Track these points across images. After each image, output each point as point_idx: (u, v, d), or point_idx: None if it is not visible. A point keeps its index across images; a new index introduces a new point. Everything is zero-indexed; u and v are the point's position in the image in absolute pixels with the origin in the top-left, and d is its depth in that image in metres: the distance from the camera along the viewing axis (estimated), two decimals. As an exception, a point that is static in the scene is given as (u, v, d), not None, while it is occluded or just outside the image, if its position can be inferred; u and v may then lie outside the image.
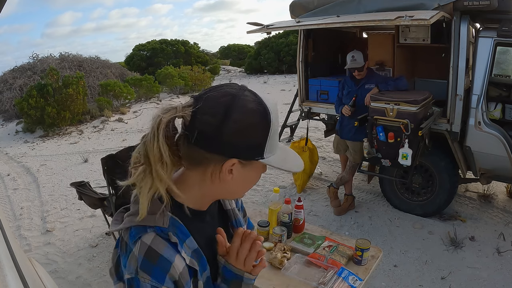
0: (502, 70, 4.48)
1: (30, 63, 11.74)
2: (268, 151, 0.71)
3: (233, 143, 0.67)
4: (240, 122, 0.66)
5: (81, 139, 7.69)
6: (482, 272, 2.67)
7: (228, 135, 0.66)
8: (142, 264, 0.68)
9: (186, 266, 0.72)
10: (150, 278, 0.68)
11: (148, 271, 0.68)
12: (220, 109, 0.66)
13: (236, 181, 0.73)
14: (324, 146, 5.65)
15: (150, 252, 0.68)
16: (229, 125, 0.66)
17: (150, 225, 0.70)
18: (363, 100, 3.21)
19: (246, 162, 0.71)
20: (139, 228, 0.70)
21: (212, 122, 0.66)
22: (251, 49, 21.80)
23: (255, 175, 0.76)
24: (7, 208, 4.30)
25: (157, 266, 0.68)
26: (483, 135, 3.01)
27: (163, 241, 0.70)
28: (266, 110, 0.69)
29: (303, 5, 3.81)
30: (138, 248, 0.69)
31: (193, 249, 0.75)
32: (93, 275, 2.86)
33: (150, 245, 0.69)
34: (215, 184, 0.73)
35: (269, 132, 0.69)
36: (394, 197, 3.55)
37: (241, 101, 0.67)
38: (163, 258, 0.69)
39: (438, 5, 2.90)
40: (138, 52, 19.07)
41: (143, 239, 0.69)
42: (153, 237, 0.69)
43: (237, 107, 0.67)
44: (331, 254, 1.59)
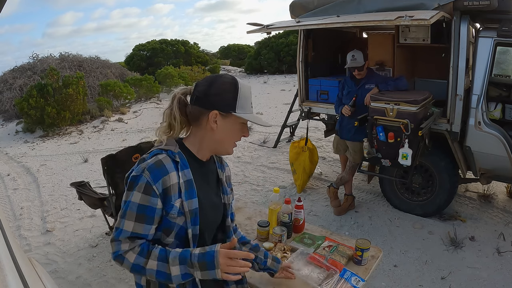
0: (502, 70, 4.48)
1: (30, 63, 11.74)
2: (239, 109, 1.06)
3: (214, 100, 1.06)
4: (218, 88, 1.06)
5: (81, 139, 7.69)
6: (482, 272, 2.66)
7: (211, 96, 1.06)
8: (149, 167, 1.01)
9: (178, 183, 1.04)
10: (150, 175, 1.00)
11: (151, 171, 1.01)
12: (207, 82, 1.09)
13: (220, 130, 1.08)
14: (324, 146, 5.65)
15: (158, 162, 1.03)
16: (211, 90, 1.06)
17: (165, 149, 1.06)
18: (363, 100, 3.21)
19: (224, 114, 1.06)
20: (158, 150, 1.06)
21: (202, 89, 1.08)
22: (251, 49, 21.81)
23: (233, 128, 1.09)
24: (7, 208, 4.30)
25: (158, 169, 1.01)
26: (483, 135, 3.01)
27: (170, 159, 1.05)
28: (236, 83, 1.07)
29: (303, 5, 3.81)
30: (152, 159, 1.03)
31: (188, 178, 1.07)
32: (93, 275, 2.86)
33: (160, 159, 1.03)
34: (207, 132, 1.08)
35: (237, 95, 1.06)
36: (394, 197, 3.55)
37: (221, 77, 1.09)
38: (164, 166, 1.03)
39: (438, 5, 2.90)
40: (138, 52, 19.07)
41: (158, 156, 1.04)
42: (164, 156, 1.05)
43: (218, 81, 1.08)
44: (331, 254, 1.59)
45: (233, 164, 5.22)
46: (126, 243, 1.01)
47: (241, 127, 1.11)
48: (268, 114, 8.52)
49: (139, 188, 1.00)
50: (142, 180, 1.00)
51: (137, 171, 1.02)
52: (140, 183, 1.00)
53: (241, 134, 1.12)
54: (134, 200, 1.00)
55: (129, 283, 2.74)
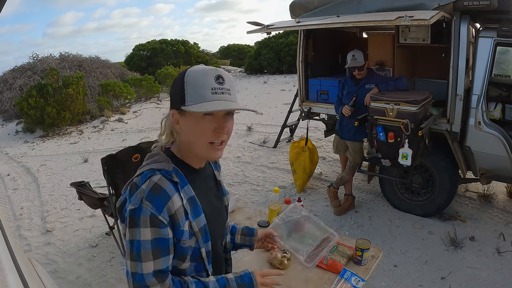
0: (502, 70, 4.47)
1: (30, 63, 11.74)
2: (190, 100, 0.90)
3: (171, 99, 0.96)
4: (173, 84, 0.95)
5: (81, 139, 7.69)
6: (482, 272, 2.66)
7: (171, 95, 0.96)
8: (147, 195, 0.88)
9: (182, 206, 0.92)
10: (151, 206, 0.87)
11: (151, 200, 0.87)
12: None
13: (184, 130, 0.94)
14: (324, 146, 5.65)
15: (155, 186, 0.89)
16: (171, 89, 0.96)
17: (158, 169, 0.92)
18: (363, 100, 3.21)
19: (181, 111, 0.92)
20: (150, 171, 0.92)
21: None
22: (251, 49, 21.80)
23: (196, 125, 0.92)
24: (7, 208, 4.30)
25: (158, 197, 0.88)
26: (483, 135, 3.01)
27: (167, 180, 0.91)
28: (184, 73, 0.93)
29: (303, 5, 3.81)
30: (147, 184, 0.89)
31: (190, 196, 0.96)
32: (93, 275, 2.86)
33: (156, 182, 0.90)
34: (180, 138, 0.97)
35: (184, 86, 0.90)
36: (394, 197, 3.55)
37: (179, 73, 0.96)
38: (165, 191, 0.90)
39: (438, 5, 2.90)
40: (138, 52, 19.07)
41: (152, 178, 0.90)
42: (160, 177, 0.91)
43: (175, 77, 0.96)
44: (331, 254, 1.59)
45: (233, 164, 5.22)
46: (156, 285, 0.89)
47: (209, 122, 0.92)
48: (268, 114, 8.52)
49: (144, 223, 0.87)
50: (144, 213, 0.87)
51: (135, 203, 0.88)
52: (143, 217, 0.87)
53: (212, 130, 0.93)
54: (144, 238, 0.87)
55: (129, 283, 2.74)
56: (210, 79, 0.90)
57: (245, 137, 6.55)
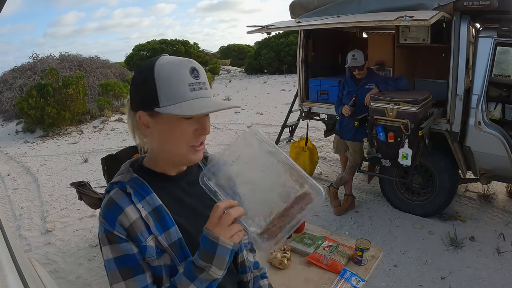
0: (502, 70, 4.47)
1: (30, 63, 11.74)
2: (165, 100, 0.75)
3: (134, 99, 0.81)
4: (135, 79, 0.81)
5: (81, 139, 7.69)
6: (482, 272, 2.66)
7: (131, 94, 0.82)
8: (102, 212, 0.80)
9: (140, 218, 0.79)
10: (105, 222, 0.78)
11: (104, 216, 0.79)
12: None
13: (155, 134, 0.81)
14: (324, 146, 5.65)
15: (109, 201, 0.80)
16: (131, 86, 0.82)
17: (115, 182, 0.83)
18: (363, 100, 3.21)
19: (151, 113, 0.78)
20: (109, 186, 0.84)
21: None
22: (251, 49, 21.81)
23: (171, 128, 0.79)
24: (7, 208, 4.30)
25: (109, 211, 0.79)
26: (483, 135, 3.01)
27: (121, 192, 0.81)
28: (151, 67, 0.77)
29: (303, 5, 3.81)
30: (105, 200, 0.82)
31: (154, 206, 0.81)
32: (93, 275, 2.86)
33: (111, 196, 0.81)
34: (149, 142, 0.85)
35: (156, 83, 0.76)
36: (394, 197, 3.55)
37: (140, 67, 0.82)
38: (116, 204, 0.79)
39: (438, 5, 2.90)
40: (138, 52, 19.09)
41: (109, 193, 0.82)
42: (116, 190, 0.82)
43: (136, 72, 0.82)
44: (331, 254, 1.59)
45: (233, 164, 5.21)
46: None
47: (188, 123, 0.78)
48: (268, 114, 8.52)
49: (103, 241, 0.78)
50: (100, 230, 0.79)
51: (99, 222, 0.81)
52: (101, 235, 0.79)
53: (193, 132, 0.79)
54: (106, 257, 0.78)
55: (129, 283, 2.74)
56: (186, 73, 0.76)
57: (245, 137, 6.54)
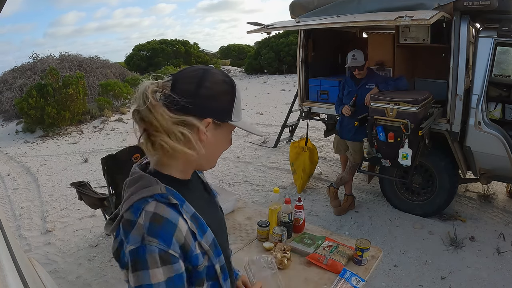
0: (502, 70, 4.48)
1: (30, 63, 11.74)
2: (235, 116, 0.84)
3: (207, 106, 0.80)
4: (212, 88, 0.80)
5: (81, 139, 7.69)
6: (482, 272, 2.66)
7: (203, 99, 0.79)
8: (148, 230, 0.72)
9: (188, 229, 0.78)
10: (157, 241, 0.71)
11: (156, 234, 0.72)
12: (194, 79, 0.80)
13: (210, 142, 0.82)
14: (324, 146, 5.65)
15: (155, 217, 0.73)
16: (203, 91, 0.79)
17: (149, 196, 0.76)
18: (363, 100, 3.21)
19: (218, 123, 0.82)
20: (140, 201, 0.75)
21: (189, 88, 0.78)
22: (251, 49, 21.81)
23: (224, 139, 0.87)
24: (7, 208, 4.30)
25: (163, 228, 0.73)
26: (483, 135, 3.01)
27: (165, 206, 0.75)
28: (232, 81, 0.84)
29: (303, 5, 3.81)
30: (143, 217, 0.73)
31: (191, 213, 0.81)
32: (93, 275, 2.86)
33: (155, 211, 0.74)
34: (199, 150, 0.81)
35: (235, 99, 0.83)
36: (394, 197, 3.55)
37: (211, 73, 0.82)
38: (168, 220, 0.74)
39: (438, 5, 2.90)
40: (138, 52, 19.11)
41: (146, 208, 0.74)
42: (156, 204, 0.75)
43: (208, 78, 0.80)
44: (331, 254, 1.59)
45: (233, 164, 5.22)
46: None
47: (230, 136, 0.89)
48: (268, 114, 8.52)
49: (152, 263, 0.71)
50: (151, 251, 0.71)
51: (135, 242, 0.72)
52: (151, 256, 0.71)
53: (228, 144, 0.90)
54: (156, 281, 0.72)
55: (129, 283, 2.74)
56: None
57: (245, 137, 6.55)
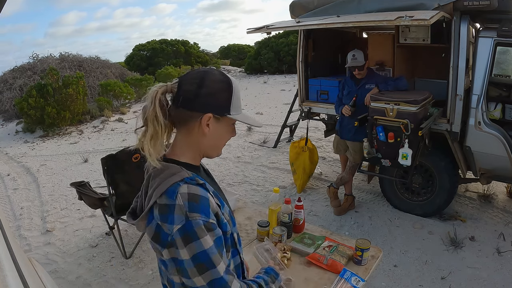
0: (502, 70, 4.47)
1: (30, 63, 11.75)
2: (233, 110, 0.97)
3: (207, 102, 0.94)
4: (211, 87, 0.94)
5: (81, 139, 7.69)
6: (482, 272, 2.67)
7: (203, 97, 0.93)
8: (189, 208, 0.86)
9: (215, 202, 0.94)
10: (199, 215, 0.87)
11: (196, 210, 0.87)
12: (195, 80, 0.94)
13: (212, 134, 0.97)
14: (324, 146, 5.65)
15: (191, 196, 0.88)
16: (202, 90, 0.93)
17: (180, 180, 0.89)
18: (363, 100, 3.21)
19: (218, 117, 0.96)
20: (173, 186, 0.89)
21: (191, 89, 0.93)
22: (251, 49, 21.81)
23: (226, 131, 1.00)
24: (7, 208, 4.30)
25: (200, 204, 0.88)
26: (483, 135, 3.01)
27: (195, 186, 0.91)
28: (229, 80, 0.97)
29: (303, 5, 3.81)
30: (181, 199, 0.87)
31: (211, 191, 0.97)
32: (93, 275, 2.86)
33: (189, 192, 0.88)
34: (199, 137, 0.97)
35: (232, 95, 0.96)
36: (394, 197, 3.55)
37: (211, 74, 0.96)
38: (202, 196, 0.90)
39: (438, 5, 2.90)
40: (138, 52, 19.09)
41: (180, 191, 0.88)
42: (187, 186, 0.89)
43: (208, 78, 0.94)
44: (331, 254, 1.59)
45: (233, 164, 5.22)
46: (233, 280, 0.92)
47: (232, 128, 1.03)
48: (268, 114, 8.52)
49: (200, 233, 0.86)
50: (196, 225, 0.86)
51: (180, 221, 0.85)
52: (198, 228, 0.86)
53: (231, 134, 1.03)
54: (207, 246, 0.87)
55: (129, 283, 2.74)
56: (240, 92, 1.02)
57: (245, 137, 6.55)
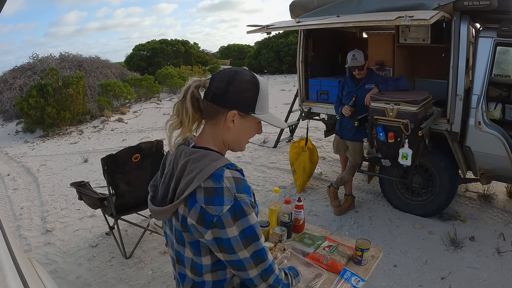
0: (502, 70, 4.48)
1: (30, 63, 11.74)
2: (258, 110, 1.03)
3: (234, 100, 1.00)
4: (239, 86, 1.00)
5: (81, 139, 7.69)
6: (482, 272, 2.67)
7: (230, 94, 1.00)
8: (237, 190, 0.95)
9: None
10: (245, 195, 0.96)
11: (242, 191, 0.96)
12: (226, 78, 1.01)
13: (236, 129, 1.04)
14: (324, 146, 5.65)
15: (236, 179, 0.97)
16: (230, 88, 1.00)
17: (223, 165, 0.98)
18: (363, 100, 3.21)
19: (243, 115, 1.03)
20: (218, 171, 0.96)
21: (220, 86, 1.01)
22: (251, 49, 21.82)
23: (250, 128, 1.07)
24: (7, 208, 4.30)
25: (244, 185, 0.98)
26: (483, 135, 3.01)
27: (234, 171, 0.99)
28: (257, 81, 1.03)
29: (303, 5, 3.81)
30: (227, 182, 0.95)
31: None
32: (93, 275, 2.86)
33: (233, 176, 0.97)
34: (224, 131, 1.04)
35: (258, 96, 1.02)
36: (394, 197, 3.55)
37: (241, 74, 1.02)
38: (244, 180, 1.00)
39: (438, 5, 2.90)
40: (138, 52, 19.09)
41: (225, 175, 0.96)
42: (229, 171, 0.98)
43: (237, 78, 1.01)
44: (331, 254, 1.59)
45: (233, 164, 5.21)
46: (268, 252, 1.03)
47: (257, 125, 1.09)
48: (268, 114, 8.51)
49: (248, 211, 0.95)
50: (245, 204, 0.95)
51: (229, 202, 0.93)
52: (246, 207, 0.95)
53: (256, 132, 1.10)
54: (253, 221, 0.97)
55: (129, 283, 2.74)
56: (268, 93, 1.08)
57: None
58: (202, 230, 0.94)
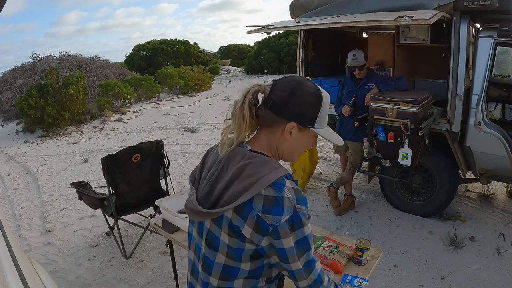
0: (502, 70, 4.48)
1: (30, 63, 11.74)
2: (317, 124, 1.00)
3: (295, 112, 0.97)
4: (301, 98, 0.97)
5: (81, 139, 7.69)
6: (482, 272, 2.66)
7: (292, 106, 0.97)
8: (297, 201, 0.92)
9: None
10: (303, 207, 0.93)
11: (301, 202, 0.93)
12: (288, 88, 0.97)
13: (293, 141, 1.02)
14: (324, 146, 5.65)
15: (295, 190, 0.94)
16: (292, 99, 0.96)
17: (284, 175, 0.94)
18: (363, 100, 3.21)
19: (302, 128, 1.00)
20: (279, 180, 0.92)
21: (282, 95, 0.97)
22: (251, 49, 21.82)
23: (306, 141, 1.05)
24: (7, 208, 4.30)
25: (302, 198, 0.95)
26: (483, 135, 3.01)
27: (293, 181, 0.96)
28: (320, 96, 0.99)
29: (303, 5, 3.81)
30: (289, 192, 0.92)
31: None
32: (93, 275, 2.86)
33: (292, 187, 0.94)
34: (280, 141, 1.01)
35: (320, 110, 0.99)
36: (394, 197, 3.55)
37: (305, 86, 0.98)
38: (301, 191, 0.97)
39: (438, 5, 2.90)
40: (138, 52, 19.08)
41: (287, 185, 0.93)
42: (289, 181, 0.95)
43: (300, 88, 0.97)
44: (331, 254, 1.59)
45: (233, 164, 5.21)
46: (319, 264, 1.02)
47: (314, 139, 1.07)
48: (268, 114, 8.51)
49: (305, 222, 0.93)
50: (303, 214, 0.92)
51: (288, 212, 0.90)
52: (304, 218, 0.93)
53: (311, 145, 1.08)
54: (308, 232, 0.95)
55: (129, 283, 2.74)
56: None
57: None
58: (258, 238, 0.91)
